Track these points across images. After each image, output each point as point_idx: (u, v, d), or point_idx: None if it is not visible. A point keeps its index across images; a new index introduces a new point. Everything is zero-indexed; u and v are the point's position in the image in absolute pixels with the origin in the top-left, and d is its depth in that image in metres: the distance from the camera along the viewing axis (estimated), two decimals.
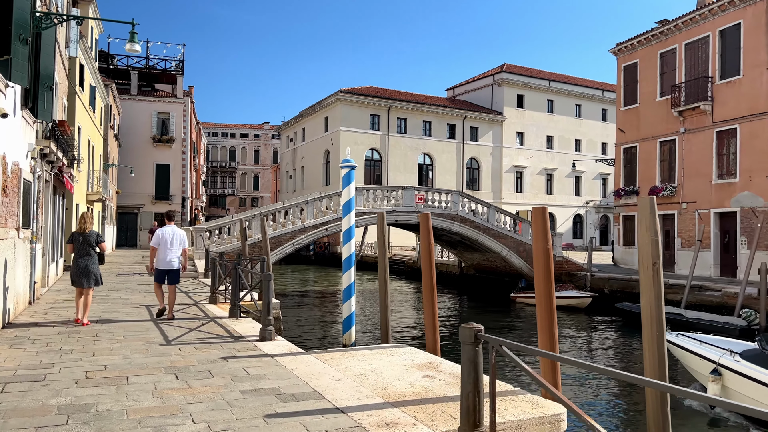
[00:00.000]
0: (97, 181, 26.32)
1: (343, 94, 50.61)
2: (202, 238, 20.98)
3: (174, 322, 10.02)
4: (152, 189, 45.10)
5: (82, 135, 22.82)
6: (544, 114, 60.90)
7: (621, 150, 29.22)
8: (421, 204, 24.85)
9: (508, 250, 26.20)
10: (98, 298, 13.29)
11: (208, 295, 13.95)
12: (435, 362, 7.15)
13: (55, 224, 16.56)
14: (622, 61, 29.32)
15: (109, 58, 45.23)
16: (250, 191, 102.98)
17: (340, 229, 24.13)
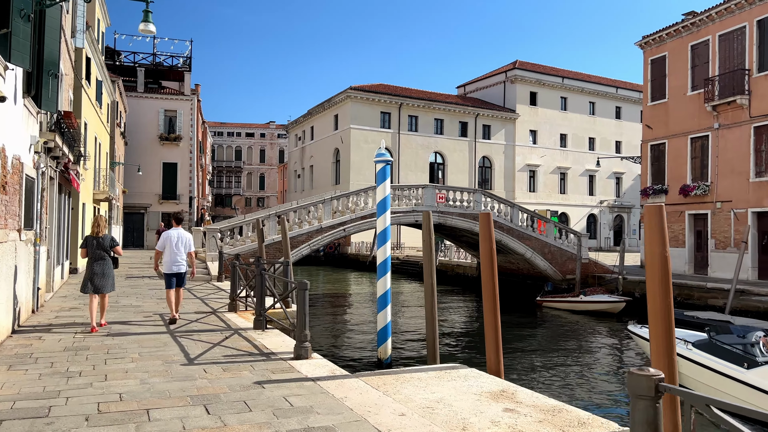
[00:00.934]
0: (104, 179, 25.30)
1: (353, 91, 49.51)
2: (215, 239, 19.91)
3: (194, 335, 8.94)
4: (159, 188, 44.12)
5: (89, 131, 21.80)
6: (557, 112, 59.68)
7: (648, 147, 28.02)
8: (442, 203, 23.73)
9: (533, 251, 25.05)
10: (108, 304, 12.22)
11: (227, 302, 12.89)
12: (508, 390, 6.05)
13: (60, 225, 15.52)
14: (650, 54, 28.12)
15: (116, 55, 44.25)
16: (255, 191, 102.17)
17: (359, 230, 23.17)
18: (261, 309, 9.44)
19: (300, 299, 7.43)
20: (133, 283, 17.19)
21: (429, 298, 8.49)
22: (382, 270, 10.26)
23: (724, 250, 23.69)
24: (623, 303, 21.03)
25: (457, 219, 23.96)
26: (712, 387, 10.46)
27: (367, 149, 50.42)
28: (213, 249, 19.87)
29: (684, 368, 10.94)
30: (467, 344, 17.40)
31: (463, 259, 34.80)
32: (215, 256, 19.69)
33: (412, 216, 23.24)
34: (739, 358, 10.25)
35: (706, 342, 11.24)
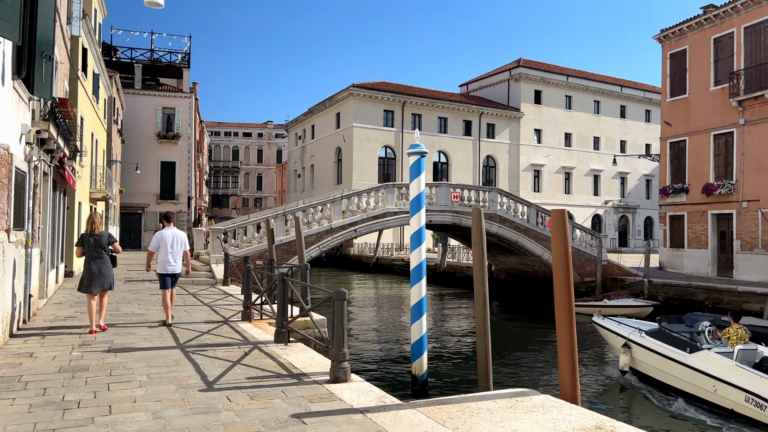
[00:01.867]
0: (100, 177, 24.11)
1: (356, 88, 48.40)
2: (219, 240, 18.75)
3: (208, 350, 7.80)
4: (157, 188, 42.90)
5: (85, 126, 20.62)
6: (561, 110, 58.75)
7: (667, 144, 26.99)
8: (457, 202, 22.63)
9: (550, 253, 23.95)
10: (107, 314, 11.07)
11: (238, 309, 11.76)
12: (605, 426, 4.94)
13: (54, 225, 14.35)
14: (668, 48, 27.10)
15: (112, 51, 43.02)
16: (253, 191, 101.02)
17: (371, 230, 22.04)
18: (283, 320, 8.31)
19: (338, 311, 6.31)
20: (133, 287, 16.03)
21: (480, 311, 7.36)
22: (417, 275, 9.15)
23: (751, 252, 22.66)
24: (651, 307, 19.99)
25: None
26: (659, 369, 12.01)
27: (369, 148, 49.34)
28: (217, 251, 18.71)
29: (636, 353, 12.80)
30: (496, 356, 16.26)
31: (471, 261, 33.72)
32: (220, 258, 18.54)
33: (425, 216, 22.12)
34: (684, 344, 11.47)
35: (657, 330, 12.67)
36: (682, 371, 11.23)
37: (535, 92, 57.29)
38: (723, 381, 10.28)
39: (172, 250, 9.85)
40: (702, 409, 10.72)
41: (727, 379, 10.22)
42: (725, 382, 10.23)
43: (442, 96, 54.40)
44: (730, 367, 10.30)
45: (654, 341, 12.30)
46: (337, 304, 6.32)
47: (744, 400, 9.90)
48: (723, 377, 10.30)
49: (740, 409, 10.00)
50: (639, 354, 12.67)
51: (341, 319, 6.30)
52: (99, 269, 9.03)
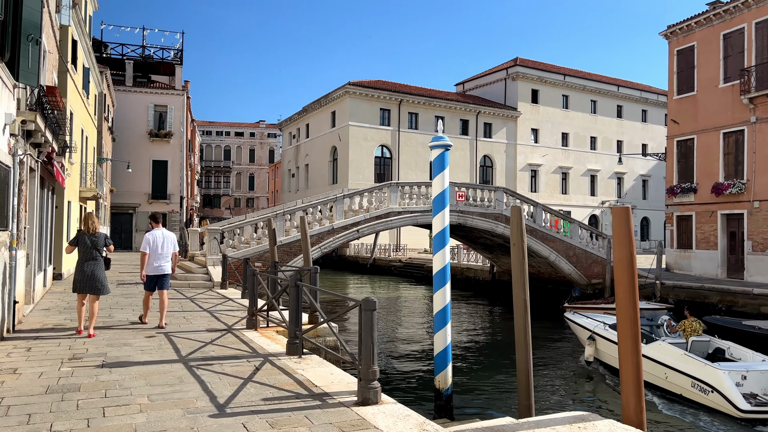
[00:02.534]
0: (91, 175, 23.16)
1: (352, 86, 47.61)
2: (216, 241, 17.89)
3: (214, 364, 6.99)
4: (149, 187, 41.87)
5: (75, 121, 19.69)
6: (558, 110, 58.30)
7: (674, 143, 26.40)
8: (462, 202, 21.87)
9: (557, 254, 23.29)
10: (99, 320, 10.22)
11: (241, 315, 10.95)
12: None
13: (42, 225, 13.45)
14: (675, 45, 26.52)
15: (102, 47, 41.95)
16: (245, 191, 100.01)
17: (374, 230, 21.25)
18: (297, 329, 7.51)
19: (366, 323, 5.53)
20: (126, 291, 15.14)
21: (521, 324, 6.56)
22: (440, 280, 8.37)
23: (763, 253, 22.09)
24: (664, 310, 19.32)
25: (477, 219, 22.10)
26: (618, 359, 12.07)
27: (366, 147, 48.59)
28: (214, 252, 17.84)
29: (600, 345, 13.93)
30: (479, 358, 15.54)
31: (473, 261, 33.03)
32: (217, 260, 17.68)
33: (430, 216, 21.33)
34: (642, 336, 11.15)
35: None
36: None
37: (532, 91, 56.78)
38: (673, 369, 11.23)
39: (162, 252, 9.74)
40: (655, 395, 11.56)
41: (677, 367, 11.15)
42: (675, 370, 11.19)
43: (438, 95, 53.73)
44: (679, 356, 11.27)
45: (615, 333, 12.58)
46: (366, 315, 5.54)
47: (691, 385, 10.87)
48: (673, 365, 11.23)
49: (688, 394, 10.95)
50: (602, 345, 13.84)
51: (370, 332, 5.52)
52: (92, 271, 8.81)
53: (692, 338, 11.87)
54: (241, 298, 13.96)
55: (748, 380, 10.38)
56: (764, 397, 10.23)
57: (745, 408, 9.78)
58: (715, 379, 10.30)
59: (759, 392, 10.33)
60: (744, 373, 10.43)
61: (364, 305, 5.53)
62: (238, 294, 14.86)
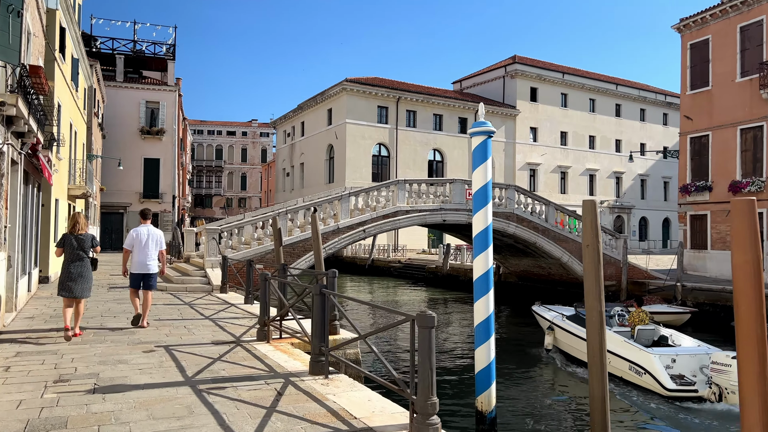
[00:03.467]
0: (80, 172, 21.94)
1: (349, 83, 46.51)
2: (215, 241, 16.75)
3: (227, 387, 5.90)
4: (140, 186, 40.60)
5: (63, 114, 18.49)
6: (557, 108, 57.52)
7: (687, 140, 25.54)
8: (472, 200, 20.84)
9: (570, 255, 22.32)
10: (90, 331, 9.10)
11: (248, 324, 9.86)
12: None
13: (26, 224, 12.28)
14: (689, 38, 25.66)
15: (92, 41, 40.62)
16: (237, 191, 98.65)
17: (381, 230, 20.19)
18: (322, 345, 6.43)
19: (424, 345, 4.47)
20: (118, 296, 13.99)
21: (596, 341, 5.53)
22: (483, 287, 7.32)
23: None
24: (688, 314, 18.43)
25: None
26: (573, 347, 14.18)
27: (363, 145, 47.52)
28: (213, 253, 16.70)
29: (558, 334, 15.24)
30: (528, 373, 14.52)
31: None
32: (216, 262, 16.54)
33: (439, 215, 20.33)
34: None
35: (574, 315, 15.08)
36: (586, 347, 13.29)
37: (531, 89, 55.96)
38: (615, 354, 12.35)
39: (147, 249, 9.42)
40: None
41: (618, 352, 12.36)
42: (616, 355, 12.36)
43: (437, 92, 52.75)
44: (620, 343, 12.53)
45: (570, 324, 14.68)
46: (422, 333, 4.48)
47: (628, 368, 12.14)
48: (615, 351, 12.35)
49: (626, 376, 12.26)
50: (560, 335, 15.20)
51: (428, 354, 4.46)
52: (79, 273, 8.54)
53: (638, 327, 13.00)
54: (244, 303, 12.88)
55: (677, 363, 11.65)
56: (691, 377, 11.48)
57: (671, 387, 11.12)
58: (647, 362, 11.63)
59: (687, 373, 11.59)
60: (674, 357, 11.72)
61: (420, 321, 4.47)
62: (239, 298, 13.76)
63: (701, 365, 11.57)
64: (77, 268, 8.53)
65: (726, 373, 10.72)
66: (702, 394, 11.04)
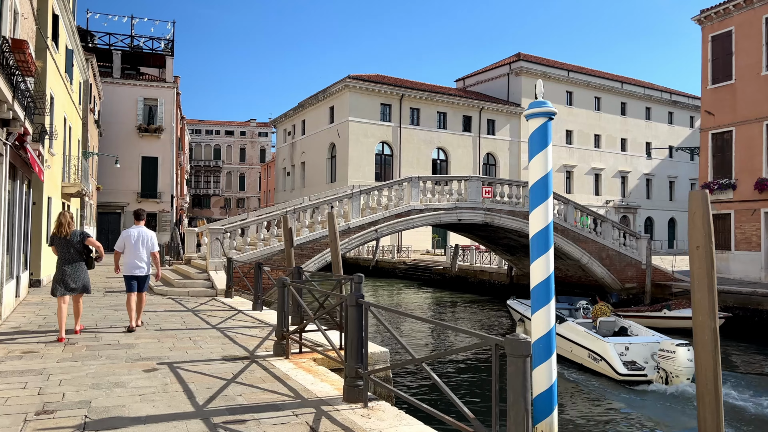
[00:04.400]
0: (75, 169, 20.82)
1: (351, 80, 45.45)
2: (219, 242, 15.64)
3: (247, 420, 4.82)
4: (138, 185, 39.48)
5: (57, 107, 17.39)
6: (563, 107, 56.52)
7: (709, 136, 24.52)
8: (488, 198, 19.80)
9: (589, 256, 21.27)
10: (83, 343, 8.02)
11: (261, 336, 8.78)
12: None
13: (12, 223, 11.17)
14: (710, 30, 24.65)
15: (89, 36, 39.51)
16: (235, 191, 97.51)
17: (393, 230, 19.09)
18: (360, 367, 5.36)
19: (517, 377, 3.40)
20: (114, 301, 12.91)
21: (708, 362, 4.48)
22: (543, 295, 6.25)
23: None
24: (722, 319, 17.36)
25: (506, 218, 20.05)
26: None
27: (366, 144, 46.45)
28: (217, 255, 15.60)
29: (528, 326, 15.01)
30: None
31: (488, 264, 30.98)
32: (219, 265, 15.45)
33: (454, 214, 19.26)
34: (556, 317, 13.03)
35: None
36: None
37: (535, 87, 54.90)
38: (576, 343, 13.71)
39: (137, 251, 9.22)
40: (564, 365, 13.72)
41: (578, 341, 13.65)
42: (577, 344, 13.67)
43: (441, 90, 51.69)
44: (581, 333, 13.78)
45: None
46: (515, 364, 3.41)
47: (587, 356, 13.34)
48: (576, 340, 13.73)
49: (586, 363, 13.44)
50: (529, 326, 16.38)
51: (522, 392, 3.39)
52: (74, 271, 8.40)
53: (600, 319, 14.29)
54: (252, 309, 11.80)
55: (630, 351, 12.90)
56: (642, 363, 12.67)
57: (622, 372, 12.37)
58: (603, 350, 12.86)
59: (639, 360, 12.79)
60: (627, 345, 12.98)
61: (511, 348, 3.40)
62: (247, 304, 12.69)
63: (652, 353, 12.80)
64: (72, 267, 8.39)
65: (671, 359, 12.07)
66: (651, 378, 12.34)
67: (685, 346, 12.02)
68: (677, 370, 11.84)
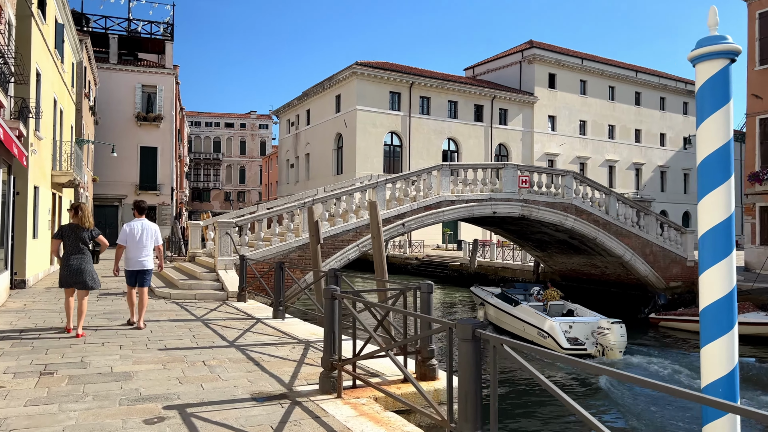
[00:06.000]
0: (67, 157, 18.85)
1: (360, 67, 43.43)
2: (230, 237, 13.70)
3: None
4: (136, 177, 37.49)
5: (44, 85, 15.41)
6: (576, 96, 54.62)
7: (756, 121, 22.60)
8: (525, 189, 17.87)
9: (632, 252, 19.35)
10: (64, 371, 6.11)
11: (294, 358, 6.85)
12: None
13: None
14: (758, 7, 22.67)
15: (84, 20, 37.40)
16: (236, 185, 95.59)
17: (422, 224, 17.15)
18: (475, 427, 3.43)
19: None
20: (109, 307, 11.02)
21: None
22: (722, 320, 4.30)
23: None
24: None
25: (544, 210, 18.11)
26: (499, 318, 17.41)
27: (374, 134, 44.47)
28: (227, 252, 13.65)
29: (488, 309, 18.50)
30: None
31: (509, 260, 29.10)
32: (230, 263, 13.52)
33: (488, 205, 17.32)
34: (512, 301, 17.08)
35: (501, 293, 18.50)
36: (509, 319, 16.52)
37: (549, 75, 53.02)
38: (528, 323, 15.25)
39: (141, 245, 8.85)
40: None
41: (530, 321, 15.18)
42: (529, 323, 15.19)
43: (452, 78, 49.67)
44: (531, 314, 15.35)
45: (498, 301, 17.77)
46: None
47: (537, 333, 14.78)
48: (528, 320, 15.31)
49: (536, 340, 14.64)
50: (489, 310, 18.41)
51: None
52: (79, 265, 8.15)
53: (550, 302, 15.68)
54: (273, 318, 9.91)
55: (573, 329, 14.45)
56: (583, 339, 14.30)
57: (566, 347, 13.93)
58: (550, 328, 14.35)
59: (581, 336, 14.38)
60: (571, 324, 14.53)
61: None
62: (264, 310, 10.80)
63: (592, 330, 14.37)
64: (77, 260, 8.12)
65: (607, 335, 13.85)
66: (590, 351, 14.08)
67: (619, 324, 13.80)
68: (612, 344, 13.74)
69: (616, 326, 13.70)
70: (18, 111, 10.68)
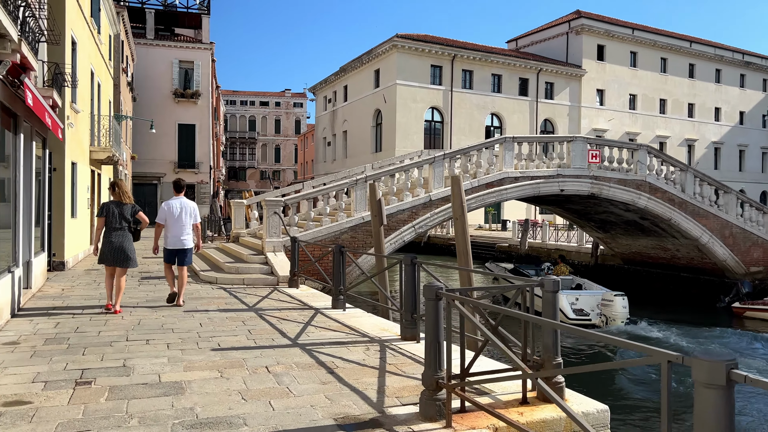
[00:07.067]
0: (105, 132, 18.03)
1: (400, 39, 41.77)
2: (279, 216, 12.62)
3: None
4: (174, 154, 36.96)
5: (80, 55, 14.48)
6: (626, 68, 51.94)
7: None
8: (595, 164, 16.31)
9: (710, 234, 17.64)
10: (103, 380, 5.05)
11: (376, 365, 5.67)
12: None
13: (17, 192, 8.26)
14: None
15: None
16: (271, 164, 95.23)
17: (483, 203, 15.80)
18: None
19: None
20: (152, 293, 10.08)
21: None
22: None
23: None
24: None
25: (616, 188, 16.51)
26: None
27: (415, 109, 42.93)
28: (275, 233, 12.56)
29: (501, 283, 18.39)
30: None
31: (564, 241, 27.52)
32: (279, 245, 12.44)
33: (555, 183, 15.83)
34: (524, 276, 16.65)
35: (513, 269, 20.04)
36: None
37: (597, 47, 50.41)
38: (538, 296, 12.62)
39: (180, 223, 8.76)
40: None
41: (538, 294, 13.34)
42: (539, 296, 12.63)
43: (495, 50, 47.57)
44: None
45: (510, 275, 17.37)
46: None
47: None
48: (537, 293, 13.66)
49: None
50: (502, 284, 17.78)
51: None
52: (120, 243, 8.12)
53: (560, 277, 15.33)
54: (332, 308, 8.79)
55: (580, 301, 15.27)
56: (589, 311, 15.07)
57: (571, 317, 14.75)
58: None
59: (586, 308, 15.15)
60: (577, 297, 15.38)
61: None
62: (319, 297, 9.73)
63: (597, 303, 15.13)
64: (118, 238, 8.12)
65: (610, 306, 14.81)
66: (594, 322, 14.87)
67: (621, 296, 14.76)
68: (614, 314, 14.76)
69: (619, 298, 14.70)
70: (52, 78, 9.71)
